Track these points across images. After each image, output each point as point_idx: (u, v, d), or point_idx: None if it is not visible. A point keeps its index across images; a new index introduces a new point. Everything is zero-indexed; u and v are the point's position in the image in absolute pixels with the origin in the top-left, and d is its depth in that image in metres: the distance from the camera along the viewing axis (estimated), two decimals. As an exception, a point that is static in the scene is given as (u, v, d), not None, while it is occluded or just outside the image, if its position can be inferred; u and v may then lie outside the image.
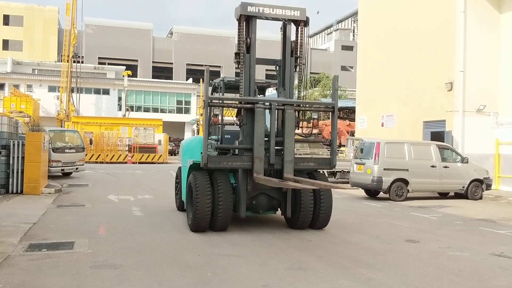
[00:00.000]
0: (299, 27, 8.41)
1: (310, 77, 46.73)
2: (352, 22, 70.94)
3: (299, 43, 8.47)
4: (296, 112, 8.37)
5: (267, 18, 8.24)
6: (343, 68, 58.92)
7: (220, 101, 8.28)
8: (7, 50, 53.06)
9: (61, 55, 45.51)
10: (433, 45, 18.76)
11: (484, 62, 17.69)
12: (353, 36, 68.45)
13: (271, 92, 8.41)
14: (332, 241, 7.78)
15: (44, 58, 52.59)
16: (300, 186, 7.19)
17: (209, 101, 7.83)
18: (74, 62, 43.48)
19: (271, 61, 8.93)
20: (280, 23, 8.53)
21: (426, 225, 9.72)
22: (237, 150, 8.38)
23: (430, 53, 18.90)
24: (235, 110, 9.01)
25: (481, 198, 14.61)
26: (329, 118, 32.20)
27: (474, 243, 7.94)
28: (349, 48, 60.44)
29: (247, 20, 8.19)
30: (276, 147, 8.19)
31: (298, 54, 8.47)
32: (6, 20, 54.44)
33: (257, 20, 8.26)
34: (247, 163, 7.95)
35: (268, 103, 8.13)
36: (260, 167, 7.87)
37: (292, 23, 8.42)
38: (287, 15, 8.22)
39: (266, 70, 48.69)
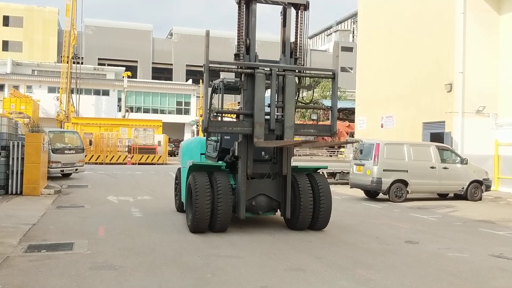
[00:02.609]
0: (299, 11, 8.41)
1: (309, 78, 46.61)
2: (352, 23, 71.02)
3: (298, 45, 8.48)
4: (297, 79, 8.35)
5: (266, 2, 8.24)
6: (343, 69, 58.87)
7: (220, 65, 8.17)
8: (6, 51, 53.09)
9: (61, 56, 45.50)
10: (432, 46, 18.78)
11: (483, 63, 17.72)
12: (353, 37, 68.49)
13: (268, 93, 8.42)
14: (331, 242, 7.79)
15: (43, 59, 52.60)
16: (299, 142, 7.18)
17: (209, 65, 7.83)
18: (73, 63, 43.47)
19: (270, 62, 8.93)
20: (280, 9, 8.53)
21: (425, 226, 9.73)
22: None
23: (429, 54, 18.92)
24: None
25: (480, 199, 14.62)
26: (328, 119, 32.10)
27: (473, 244, 7.94)
28: (349, 49, 60.45)
29: (247, 4, 8.18)
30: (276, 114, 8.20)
31: (298, 55, 8.48)
32: (6, 21, 54.47)
33: (257, 4, 8.24)
34: (248, 128, 7.95)
35: (268, 69, 8.11)
36: (260, 132, 7.86)
37: (292, 7, 8.42)
38: None
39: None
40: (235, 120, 8.62)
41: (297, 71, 8.35)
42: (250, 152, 8.13)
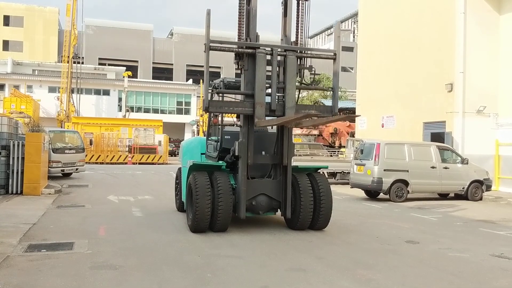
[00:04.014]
0: (300, 1, 8.45)
1: (310, 78, 46.61)
2: (352, 23, 70.99)
3: (299, 42, 8.48)
4: (298, 59, 8.38)
5: None
6: (343, 69, 58.80)
7: (221, 45, 8.16)
8: (7, 50, 53.14)
9: (61, 56, 45.55)
10: (433, 46, 18.76)
11: (484, 63, 17.70)
12: (353, 37, 68.45)
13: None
14: (332, 242, 7.78)
15: (44, 58, 52.65)
16: (301, 116, 7.17)
17: (210, 44, 7.84)
18: (74, 62, 43.49)
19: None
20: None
21: (426, 226, 9.72)
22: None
23: (430, 54, 18.90)
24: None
25: (481, 199, 14.60)
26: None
27: (474, 244, 7.93)
28: (349, 49, 60.40)
29: None
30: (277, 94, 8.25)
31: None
32: (7, 20, 54.54)
33: None
34: (249, 109, 7.99)
35: (269, 49, 8.15)
36: (261, 113, 7.89)
37: None
38: None
39: (267, 71, 48.69)
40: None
41: (298, 51, 8.39)
42: (250, 140, 8.13)
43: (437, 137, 17.93)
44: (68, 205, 11.34)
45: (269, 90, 8.32)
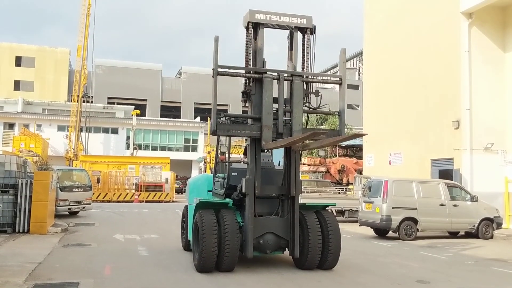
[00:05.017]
0: (306, 35, 8.61)
1: (317, 115, 46.86)
2: (357, 61, 71.94)
3: (305, 70, 8.60)
4: (304, 84, 8.47)
5: (274, 27, 8.48)
6: (349, 106, 59.09)
7: (229, 70, 8.28)
8: (18, 90, 54.13)
9: (71, 95, 46.32)
10: (438, 83, 18.92)
11: (490, 100, 17.79)
12: (358, 75, 69.27)
13: None
14: (341, 282, 7.64)
15: (54, 98, 53.48)
16: (307, 135, 7.16)
17: (218, 69, 7.95)
18: (84, 102, 44.13)
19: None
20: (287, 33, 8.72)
21: (436, 265, 9.54)
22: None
23: (435, 91, 19.04)
24: (242, 148, 9.06)
25: (492, 237, 14.34)
26: (336, 155, 31.75)
27: (486, 283, 7.76)
28: (355, 87, 61.07)
29: (254, 28, 8.40)
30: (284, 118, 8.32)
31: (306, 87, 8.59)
32: (18, 61, 55.86)
33: (265, 29, 8.42)
34: (256, 132, 8.05)
35: (276, 73, 8.28)
36: (268, 136, 7.96)
37: (298, 31, 8.61)
38: (294, 23, 8.44)
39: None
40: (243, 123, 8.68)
41: (304, 76, 8.52)
42: (258, 172, 8.12)
43: (445, 174, 17.81)
44: (74, 243, 11.28)
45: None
